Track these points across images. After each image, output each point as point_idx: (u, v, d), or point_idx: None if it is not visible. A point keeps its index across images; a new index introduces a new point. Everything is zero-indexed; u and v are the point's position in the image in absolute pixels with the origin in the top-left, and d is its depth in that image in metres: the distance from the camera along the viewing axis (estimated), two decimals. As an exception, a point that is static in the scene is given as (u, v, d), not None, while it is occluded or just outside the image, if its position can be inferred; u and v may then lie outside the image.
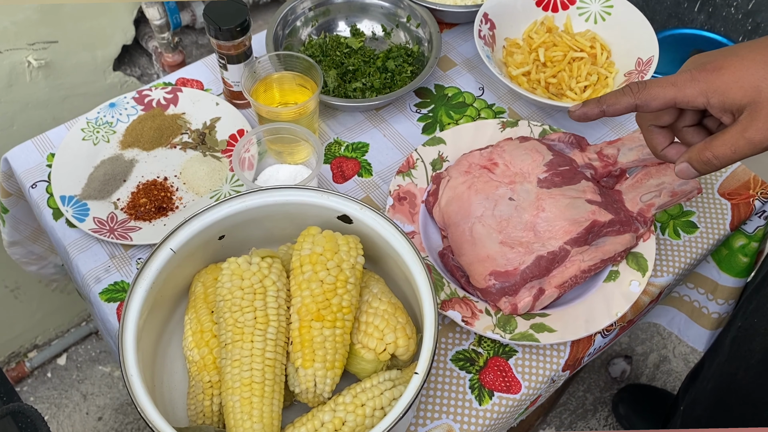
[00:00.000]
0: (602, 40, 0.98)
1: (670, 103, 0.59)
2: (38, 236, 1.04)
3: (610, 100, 0.62)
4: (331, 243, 0.66)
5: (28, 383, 1.58)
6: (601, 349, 0.82)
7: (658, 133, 0.65)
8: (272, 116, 0.83)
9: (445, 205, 0.80)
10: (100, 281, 0.79)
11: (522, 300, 0.73)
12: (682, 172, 0.61)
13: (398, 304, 0.68)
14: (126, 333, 0.61)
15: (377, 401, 0.62)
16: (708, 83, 0.57)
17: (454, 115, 0.94)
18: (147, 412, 0.57)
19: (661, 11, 1.73)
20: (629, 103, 0.61)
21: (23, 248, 1.05)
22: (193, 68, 0.99)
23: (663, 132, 0.65)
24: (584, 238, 0.75)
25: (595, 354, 0.82)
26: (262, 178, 0.83)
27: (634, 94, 0.60)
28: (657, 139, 0.65)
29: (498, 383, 0.73)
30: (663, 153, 0.65)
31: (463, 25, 1.05)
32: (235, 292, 0.64)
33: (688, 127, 0.63)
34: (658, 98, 0.59)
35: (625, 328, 0.82)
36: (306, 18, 1.01)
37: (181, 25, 1.31)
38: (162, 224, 0.82)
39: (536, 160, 0.81)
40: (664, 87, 0.59)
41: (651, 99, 0.60)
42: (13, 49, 1.16)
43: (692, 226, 0.85)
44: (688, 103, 0.59)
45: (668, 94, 0.59)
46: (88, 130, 0.89)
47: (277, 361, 0.63)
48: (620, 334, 0.84)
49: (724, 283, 0.93)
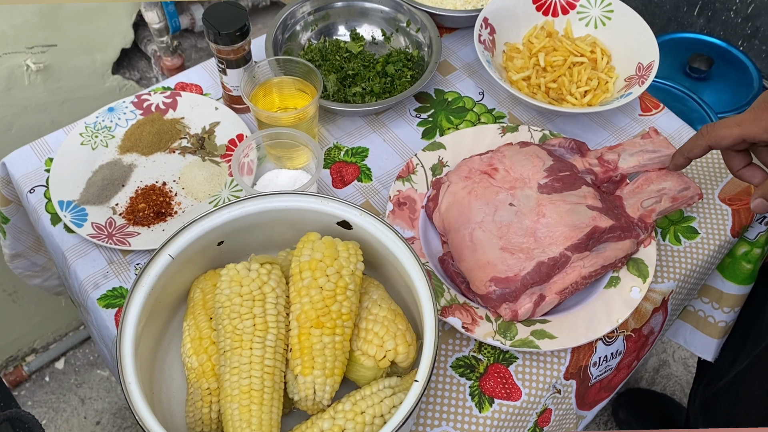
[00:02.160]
0: (602, 45, 0.98)
1: (738, 140, 0.67)
2: (40, 246, 1.02)
3: (688, 147, 0.72)
4: (330, 249, 0.66)
5: (26, 387, 1.57)
6: (632, 367, 0.81)
7: (735, 155, 0.71)
8: (272, 121, 0.83)
9: (445, 211, 0.80)
10: (98, 287, 0.78)
11: (522, 306, 0.72)
12: (758, 207, 0.67)
13: (398, 310, 0.68)
14: (124, 340, 0.60)
15: (377, 409, 0.61)
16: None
17: (454, 120, 0.94)
18: (145, 420, 0.57)
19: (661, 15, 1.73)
20: (704, 146, 0.70)
21: (26, 260, 1.03)
22: (192, 72, 0.99)
23: (740, 154, 0.71)
24: (585, 244, 0.75)
25: (627, 374, 0.81)
26: (262, 183, 0.82)
27: (705, 137, 0.69)
28: (734, 161, 0.71)
29: (498, 390, 0.73)
30: (739, 173, 0.71)
31: (463, 30, 1.05)
32: (234, 298, 0.64)
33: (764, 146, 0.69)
34: (726, 138, 0.67)
35: (644, 344, 0.81)
36: (306, 22, 1.00)
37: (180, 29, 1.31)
38: (161, 229, 0.81)
39: (537, 165, 0.80)
40: (731, 128, 0.67)
41: (720, 139, 0.68)
42: (12, 53, 1.16)
43: (693, 231, 0.85)
44: (755, 139, 0.66)
45: (734, 133, 0.67)
46: (87, 135, 0.89)
47: (276, 368, 0.63)
48: (648, 349, 0.82)
49: (728, 291, 0.92)
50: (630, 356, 0.80)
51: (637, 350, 0.80)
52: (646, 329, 0.80)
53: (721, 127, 0.68)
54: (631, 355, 0.80)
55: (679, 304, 0.84)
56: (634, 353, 0.80)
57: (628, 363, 0.81)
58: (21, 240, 0.99)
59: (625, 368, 0.81)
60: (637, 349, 0.80)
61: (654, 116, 0.96)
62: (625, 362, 0.80)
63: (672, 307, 0.83)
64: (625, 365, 0.81)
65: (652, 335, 0.81)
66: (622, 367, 0.81)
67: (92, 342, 1.62)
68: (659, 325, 0.82)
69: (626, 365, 0.81)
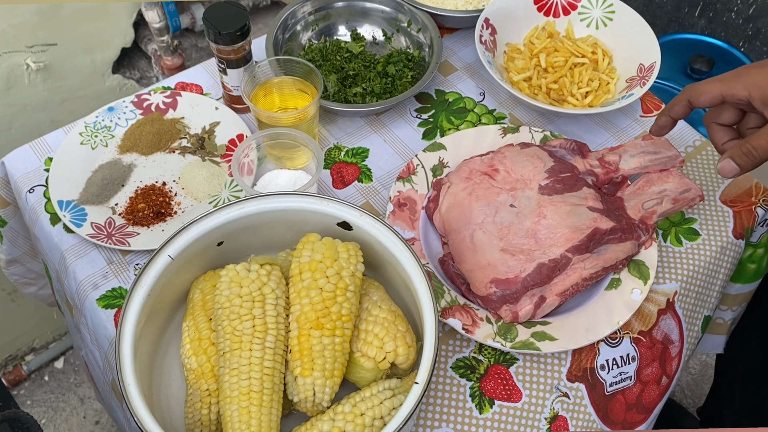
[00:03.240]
0: (604, 46, 0.97)
1: (717, 98, 0.66)
2: (37, 252, 1.02)
3: (669, 105, 0.71)
4: (330, 250, 0.66)
5: (26, 387, 1.57)
6: (663, 384, 0.79)
7: (719, 129, 0.70)
8: (272, 121, 0.82)
9: (445, 212, 0.79)
10: (97, 287, 0.78)
11: (523, 308, 0.72)
12: (723, 168, 0.66)
13: (398, 311, 0.68)
14: (123, 340, 0.60)
15: (377, 410, 0.61)
16: (750, 78, 0.64)
17: (455, 121, 0.94)
18: (144, 422, 0.56)
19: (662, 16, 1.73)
20: (683, 102, 0.69)
21: (22, 266, 1.02)
22: (192, 72, 0.98)
23: (725, 129, 0.70)
24: (586, 246, 0.75)
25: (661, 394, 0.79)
26: (262, 184, 0.82)
27: (685, 93, 0.68)
28: (718, 134, 0.70)
29: (499, 391, 0.73)
30: (723, 147, 0.70)
31: (464, 30, 1.05)
32: (234, 299, 0.63)
33: (752, 128, 0.68)
34: (705, 93, 0.66)
35: (664, 353, 0.79)
36: (306, 22, 1.00)
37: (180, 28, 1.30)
38: (160, 230, 0.81)
39: (537, 166, 0.80)
40: (712, 83, 0.66)
41: (699, 94, 0.67)
42: (12, 52, 1.15)
43: (694, 233, 0.84)
44: (733, 96, 0.65)
45: (714, 89, 0.66)
46: (87, 135, 0.89)
47: (275, 369, 0.63)
48: (677, 361, 0.80)
49: (736, 292, 0.92)
50: (650, 366, 0.77)
51: (657, 359, 0.78)
52: (659, 334, 0.78)
53: (703, 83, 0.67)
54: (651, 364, 0.77)
55: (692, 310, 0.82)
56: (655, 363, 0.78)
57: (653, 377, 0.78)
58: (18, 244, 0.98)
59: (653, 383, 0.78)
60: (656, 358, 0.77)
61: (655, 117, 0.95)
62: (647, 373, 0.78)
63: (683, 312, 0.81)
64: (651, 378, 0.78)
65: (672, 345, 0.79)
66: (647, 380, 0.78)
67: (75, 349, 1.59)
68: (676, 333, 0.80)
69: (652, 378, 0.78)
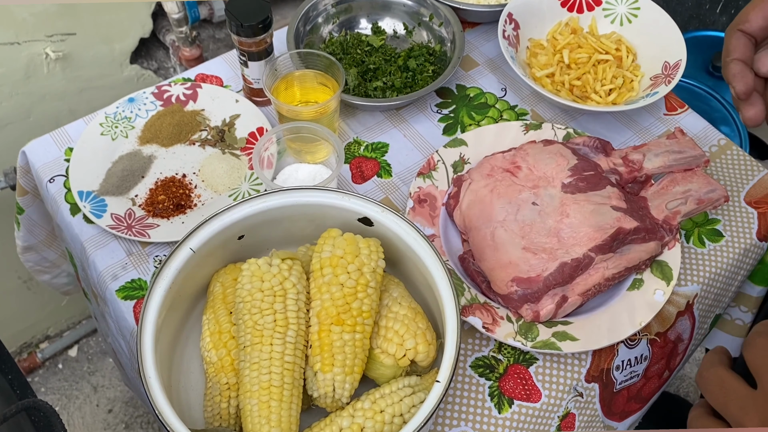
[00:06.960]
0: (628, 43, 0.96)
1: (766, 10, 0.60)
2: (52, 241, 1.02)
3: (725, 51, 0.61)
4: (352, 246, 0.65)
5: (40, 374, 1.58)
6: (663, 377, 0.78)
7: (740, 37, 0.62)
8: (293, 115, 0.82)
9: (466, 209, 0.79)
10: (117, 278, 0.78)
11: (544, 307, 0.71)
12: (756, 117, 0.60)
13: (418, 308, 0.67)
14: (144, 333, 0.60)
15: (396, 408, 0.61)
16: None
17: (476, 116, 0.93)
18: (165, 414, 0.56)
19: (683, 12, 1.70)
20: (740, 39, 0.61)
21: (37, 254, 1.03)
22: (212, 64, 0.98)
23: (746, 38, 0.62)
24: (609, 246, 0.74)
25: (659, 385, 0.78)
26: (281, 177, 0.82)
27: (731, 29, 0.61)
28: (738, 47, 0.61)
29: (518, 391, 0.72)
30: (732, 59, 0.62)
31: (486, 25, 1.04)
32: (255, 294, 0.63)
33: None
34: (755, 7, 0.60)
35: (672, 351, 0.79)
36: (327, 15, 0.99)
37: (199, 19, 1.30)
38: (180, 222, 0.81)
39: (560, 164, 0.79)
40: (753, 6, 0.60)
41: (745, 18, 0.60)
42: (32, 41, 1.15)
43: (718, 234, 0.83)
44: None
45: None
46: (107, 125, 0.89)
47: (296, 364, 0.62)
48: (680, 358, 0.80)
49: (749, 293, 0.91)
50: (658, 363, 0.78)
51: (666, 357, 0.79)
52: (672, 335, 0.78)
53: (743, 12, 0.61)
54: (659, 362, 0.78)
55: (707, 310, 0.82)
56: (663, 360, 0.79)
57: (657, 372, 0.80)
58: (34, 233, 0.99)
59: (656, 377, 0.79)
60: (665, 356, 0.78)
61: (679, 116, 0.94)
62: (653, 370, 0.79)
63: (699, 312, 0.81)
64: (655, 373, 0.79)
65: (681, 342, 0.80)
66: (651, 376, 0.79)
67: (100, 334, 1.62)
68: (688, 332, 0.80)
69: (656, 374, 0.79)
